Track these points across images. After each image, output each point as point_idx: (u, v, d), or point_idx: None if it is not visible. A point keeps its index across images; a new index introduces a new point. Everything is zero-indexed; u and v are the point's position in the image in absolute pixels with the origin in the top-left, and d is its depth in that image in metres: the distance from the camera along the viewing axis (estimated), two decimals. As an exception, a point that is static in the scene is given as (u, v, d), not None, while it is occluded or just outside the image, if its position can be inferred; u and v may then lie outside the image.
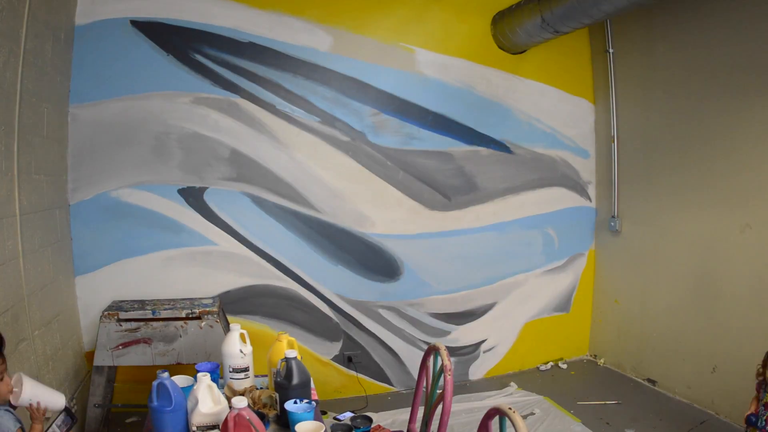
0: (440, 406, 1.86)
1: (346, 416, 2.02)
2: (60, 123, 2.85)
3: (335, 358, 3.57)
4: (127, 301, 2.96)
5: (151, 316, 2.71)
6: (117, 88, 3.01)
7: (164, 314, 2.73)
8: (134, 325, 2.70)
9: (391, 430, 2.26)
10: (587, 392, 3.57)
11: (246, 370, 1.93)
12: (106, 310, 2.74)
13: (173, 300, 3.00)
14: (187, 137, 3.14)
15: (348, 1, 3.43)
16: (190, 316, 2.76)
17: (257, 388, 1.92)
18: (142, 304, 2.88)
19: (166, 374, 1.53)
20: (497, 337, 3.97)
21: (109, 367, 2.76)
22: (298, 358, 1.82)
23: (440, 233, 3.73)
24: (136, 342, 2.70)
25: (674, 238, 3.48)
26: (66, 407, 1.73)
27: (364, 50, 3.46)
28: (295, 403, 1.68)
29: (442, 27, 3.64)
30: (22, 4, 2.24)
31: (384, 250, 3.61)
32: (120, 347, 2.69)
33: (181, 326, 2.73)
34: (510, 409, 1.46)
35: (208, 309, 2.79)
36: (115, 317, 2.69)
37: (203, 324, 2.75)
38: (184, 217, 3.17)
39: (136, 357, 2.71)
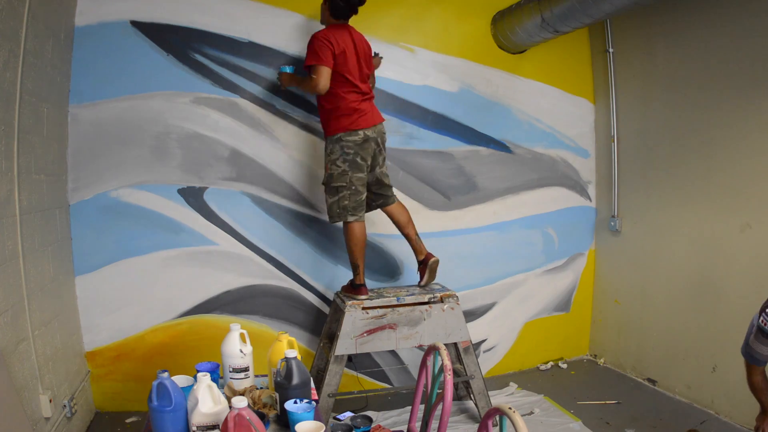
0: (440, 406, 1.86)
1: (346, 416, 2.02)
2: (60, 123, 2.85)
3: (335, 358, 3.57)
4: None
5: (395, 303, 2.96)
6: (117, 88, 3.01)
7: (408, 300, 2.99)
8: (381, 312, 2.90)
9: (391, 430, 2.26)
10: (587, 392, 3.57)
11: (246, 370, 1.93)
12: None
13: (408, 287, 3.27)
14: (187, 137, 3.14)
15: (348, 1, 3.42)
16: (432, 300, 3.01)
17: (257, 388, 1.92)
18: (378, 293, 3.08)
19: (166, 374, 1.53)
20: (497, 336, 3.96)
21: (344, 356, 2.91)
22: (298, 358, 1.82)
23: (440, 233, 3.72)
24: (382, 328, 2.90)
25: (674, 238, 3.48)
26: None
27: (364, 50, 3.45)
28: (295, 403, 1.68)
29: (442, 27, 3.64)
30: (22, 4, 2.24)
31: (384, 250, 3.61)
32: (365, 334, 2.87)
33: (426, 310, 2.98)
34: (510, 408, 1.46)
35: (448, 293, 3.06)
36: (360, 306, 2.89)
37: (446, 307, 3.00)
38: (184, 217, 3.17)
39: (381, 342, 2.91)
